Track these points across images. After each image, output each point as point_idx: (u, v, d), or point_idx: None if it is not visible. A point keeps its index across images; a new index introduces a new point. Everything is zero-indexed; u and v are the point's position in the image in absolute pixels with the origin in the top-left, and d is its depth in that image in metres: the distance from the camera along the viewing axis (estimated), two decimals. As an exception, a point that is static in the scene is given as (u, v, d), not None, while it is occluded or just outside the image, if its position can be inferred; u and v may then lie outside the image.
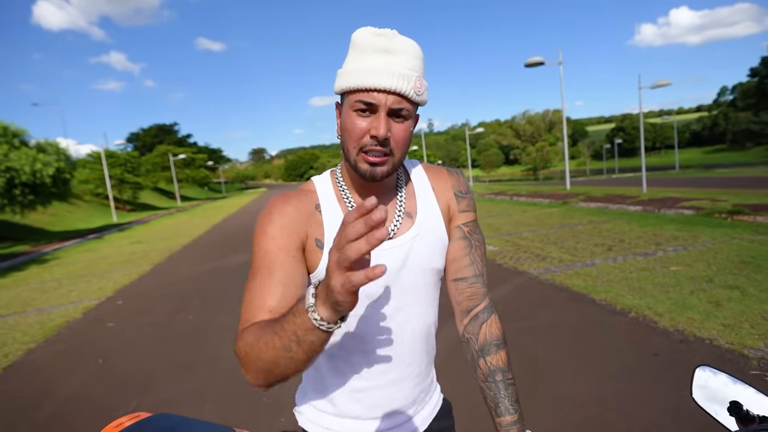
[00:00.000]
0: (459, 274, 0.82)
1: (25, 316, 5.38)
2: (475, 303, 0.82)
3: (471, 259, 0.83)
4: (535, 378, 2.60)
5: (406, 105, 0.70)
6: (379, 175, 0.72)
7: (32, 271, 9.34)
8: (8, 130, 16.21)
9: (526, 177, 69.52)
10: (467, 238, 0.83)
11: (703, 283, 3.98)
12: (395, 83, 0.68)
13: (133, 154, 36.42)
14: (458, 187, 0.85)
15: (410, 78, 0.69)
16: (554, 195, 13.34)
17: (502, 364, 0.78)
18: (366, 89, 0.68)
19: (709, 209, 7.61)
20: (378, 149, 0.70)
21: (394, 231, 0.78)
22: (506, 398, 0.76)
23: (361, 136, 0.70)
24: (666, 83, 13.36)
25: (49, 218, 21.70)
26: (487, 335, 0.80)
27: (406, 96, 0.69)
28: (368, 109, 0.69)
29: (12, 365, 3.74)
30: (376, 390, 0.81)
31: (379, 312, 0.78)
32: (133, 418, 0.91)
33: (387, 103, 0.69)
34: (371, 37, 0.69)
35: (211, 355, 3.49)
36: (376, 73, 0.68)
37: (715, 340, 2.84)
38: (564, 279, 4.59)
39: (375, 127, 0.69)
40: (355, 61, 0.70)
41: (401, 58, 0.69)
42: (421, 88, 0.71)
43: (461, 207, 0.84)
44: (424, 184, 0.84)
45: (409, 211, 0.80)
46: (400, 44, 0.70)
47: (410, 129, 0.73)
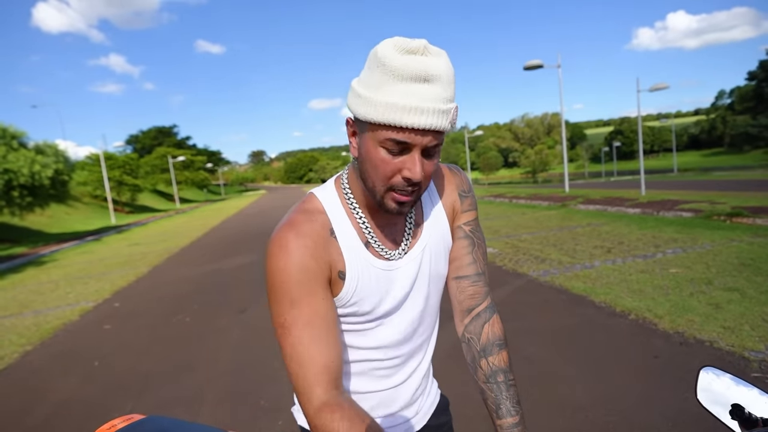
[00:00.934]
0: (461, 272, 0.81)
1: (21, 318, 5.35)
2: (476, 302, 0.80)
3: (473, 257, 0.82)
4: (534, 381, 2.59)
5: (440, 139, 0.63)
6: (405, 212, 0.68)
7: (29, 273, 9.30)
8: (7, 132, 16.20)
9: (525, 180, 69.61)
10: (469, 236, 0.82)
11: (702, 285, 3.97)
12: (435, 122, 0.59)
13: (132, 156, 36.43)
14: (462, 187, 0.84)
15: (449, 112, 0.61)
16: (553, 197, 13.35)
17: (504, 364, 0.77)
18: (400, 127, 0.60)
19: (708, 211, 7.61)
20: (408, 190, 0.65)
21: (407, 246, 0.76)
22: (508, 399, 0.74)
23: (391, 175, 0.63)
24: (664, 87, 13.40)
25: (47, 220, 21.65)
26: (489, 335, 0.78)
27: (443, 131, 0.62)
28: (399, 146, 0.62)
29: (8, 367, 3.71)
30: (379, 393, 0.81)
31: (393, 327, 0.77)
32: (125, 420, 0.89)
33: (424, 143, 0.61)
34: (405, 57, 0.59)
35: (208, 357, 3.46)
36: (414, 111, 0.58)
37: (715, 342, 2.83)
38: (563, 281, 4.58)
39: (410, 169, 0.62)
40: (385, 91, 0.59)
41: (439, 87, 0.60)
42: (455, 116, 0.62)
43: (464, 206, 0.83)
44: (430, 189, 0.81)
45: (417, 220, 0.78)
46: (436, 68, 0.59)
47: (436, 162, 0.67)
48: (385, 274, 0.73)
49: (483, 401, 0.78)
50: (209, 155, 64.51)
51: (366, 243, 0.72)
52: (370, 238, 0.72)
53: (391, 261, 0.74)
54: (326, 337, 0.65)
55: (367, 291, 0.71)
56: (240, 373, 3.11)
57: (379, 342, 0.77)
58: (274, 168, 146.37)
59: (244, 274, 6.51)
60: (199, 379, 3.10)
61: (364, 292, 0.71)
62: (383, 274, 0.73)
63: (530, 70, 14.30)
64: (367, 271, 0.71)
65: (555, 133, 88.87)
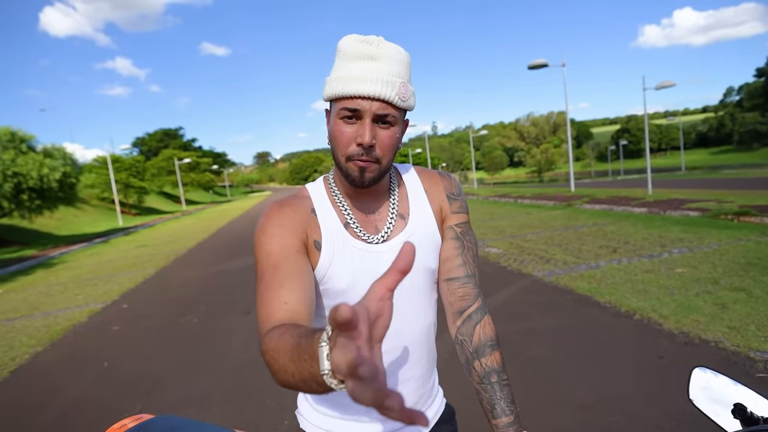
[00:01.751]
0: (451, 273, 0.82)
1: (32, 319, 5.43)
2: (467, 303, 0.81)
3: (463, 259, 0.83)
4: (538, 380, 2.60)
5: (392, 111, 0.70)
6: (367, 182, 0.73)
7: (39, 275, 9.43)
8: (16, 136, 16.41)
9: (531, 179, 69.30)
10: (460, 238, 0.84)
11: (708, 285, 3.95)
12: (378, 90, 0.68)
13: (139, 159, 36.73)
14: (450, 189, 0.86)
15: (394, 84, 0.69)
16: (558, 197, 13.30)
17: (497, 365, 0.78)
18: (350, 96, 0.69)
19: (715, 211, 7.55)
20: (364, 158, 0.71)
21: (388, 233, 0.79)
22: (502, 399, 0.75)
23: (347, 144, 0.71)
24: (670, 84, 13.30)
25: (56, 222, 21.90)
26: (481, 336, 0.79)
27: (391, 102, 0.69)
28: (353, 116, 0.70)
29: (19, 368, 3.77)
30: None
31: None
32: (135, 420, 0.92)
33: (371, 109, 0.69)
34: (356, 44, 0.70)
35: (215, 358, 3.50)
36: (360, 80, 0.68)
37: (720, 343, 2.82)
38: (568, 281, 4.57)
39: (360, 135, 0.70)
40: (340, 69, 0.71)
41: (385, 64, 0.69)
42: (406, 94, 0.71)
43: (453, 208, 0.85)
44: (417, 187, 0.85)
45: (401, 212, 0.82)
46: (384, 50, 0.70)
47: (396, 135, 0.73)
48: (361, 254, 0.76)
49: (478, 402, 0.79)
50: (215, 157, 64.96)
51: (345, 224, 0.78)
52: (349, 219, 0.78)
53: (369, 243, 0.77)
54: (290, 282, 0.67)
55: (342, 266, 0.76)
56: (246, 373, 3.15)
57: None
58: (279, 169, 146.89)
59: (250, 275, 6.54)
60: (206, 379, 3.14)
61: (339, 266, 0.75)
62: (359, 254, 0.76)
63: (535, 69, 14.26)
64: (342, 247, 0.76)
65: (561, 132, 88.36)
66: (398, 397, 0.31)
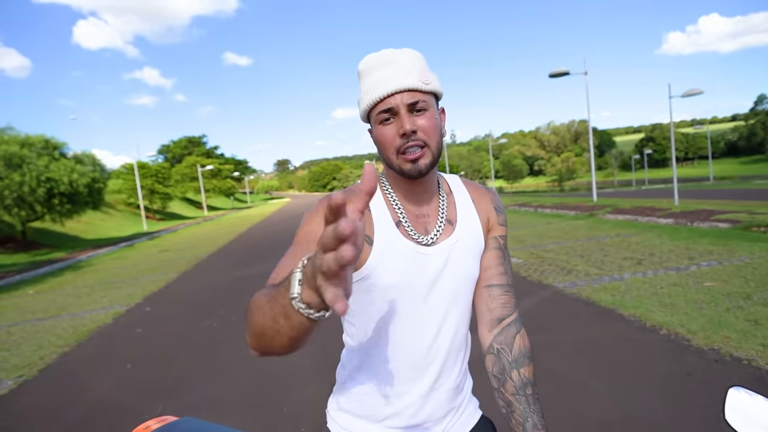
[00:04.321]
0: (493, 280, 0.83)
1: (59, 320, 5.61)
2: (507, 312, 0.82)
3: (504, 268, 0.85)
4: (559, 395, 2.53)
5: (420, 97, 0.74)
6: (423, 169, 0.75)
7: (67, 277, 9.75)
8: (49, 143, 17.14)
9: (551, 188, 68.21)
10: (502, 249, 0.87)
11: (740, 300, 3.79)
12: (401, 82, 0.73)
13: (164, 165, 37.81)
14: (496, 203, 0.90)
15: (412, 73, 0.74)
16: (580, 207, 13.04)
17: (532, 377, 0.78)
18: (380, 99, 0.74)
19: (747, 222, 7.27)
20: (412, 144, 0.73)
21: (436, 236, 0.80)
22: (535, 413, 0.75)
23: (393, 140, 0.74)
24: (698, 92, 12.95)
25: (84, 226, 22.67)
26: (520, 346, 0.80)
27: (416, 89, 0.73)
28: (390, 115, 0.74)
29: (47, 367, 3.89)
30: (406, 397, 0.79)
31: (417, 316, 0.77)
32: (160, 422, 0.93)
33: (402, 101, 0.73)
34: (371, 59, 0.76)
35: (234, 362, 3.54)
36: (383, 82, 0.74)
37: (753, 361, 2.69)
38: (590, 293, 4.46)
39: (401, 126, 0.73)
40: (365, 84, 0.77)
41: (400, 63, 0.75)
42: (428, 78, 0.75)
43: (499, 220, 0.88)
44: (465, 196, 0.87)
45: (450, 218, 0.83)
46: (397, 55, 0.75)
47: (435, 118, 0.76)
48: (410, 253, 0.76)
49: (506, 414, 0.77)
50: (236, 164, 66.20)
51: (398, 222, 0.78)
52: (402, 218, 0.79)
53: (419, 244, 0.78)
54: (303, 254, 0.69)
55: (392, 263, 0.75)
56: (263, 378, 3.17)
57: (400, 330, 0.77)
58: (298, 176, 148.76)
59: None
60: (224, 383, 3.18)
61: (389, 263, 0.75)
62: (409, 253, 0.76)
63: (556, 77, 14.11)
64: (394, 244, 0.76)
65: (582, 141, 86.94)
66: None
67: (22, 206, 15.28)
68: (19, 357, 4.22)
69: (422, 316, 0.78)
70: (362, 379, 0.81)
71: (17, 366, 3.95)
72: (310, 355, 3.48)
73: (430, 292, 0.78)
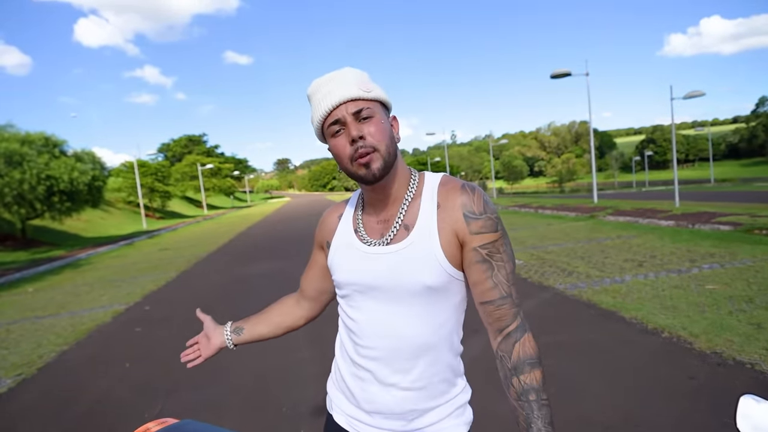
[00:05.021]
0: (484, 297, 0.81)
1: (58, 318, 5.60)
2: (505, 323, 0.81)
3: (494, 281, 0.80)
4: (560, 397, 2.51)
5: (364, 104, 0.79)
6: (377, 173, 0.80)
7: (67, 275, 9.74)
8: (49, 141, 17.13)
9: (551, 189, 68.21)
10: (486, 260, 0.80)
11: (742, 303, 3.78)
12: (342, 94, 0.79)
13: (164, 164, 37.76)
14: (470, 208, 0.81)
15: (352, 84, 0.79)
16: (581, 208, 13.02)
17: (536, 383, 0.76)
18: (328, 113, 0.80)
19: (749, 225, 7.25)
20: (362, 151, 0.78)
21: (389, 239, 0.85)
22: (540, 419, 0.73)
23: (345, 149, 0.80)
24: (699, 94, 12.94)
25: (84, 224, 22.66)
26: (520, 354, 0.78)
27: (358, 97, 0.79)
28: (339, 126, 0.80)
29: (46, 365, 3.88)
30: (363, 383, 0.88)
31: (369, 313, 0.87)
32: (160, 424, 0.92)
33: (347, 111, 0.79)
34: (316, 81, 0.83)
35: (233, 363, 3.52)
36: (326, 97, 0.80)
37: (756, 365, 2.68)
38: (591, 295, 4.44)
39: (349, 134, 0.79)
40: (313, 103, 0.83)
41: (341, 78, 0.81)
42: (369, 87, 0.80)
43: (473, 228, 0.80)
44: (432, 200, 0.84)
45: (407, 223, 0.84)
46: (339, 73, 0.82)
47: (382, 123, 0.81)
48: (360, 254, 0.87)
49: (515, 421, 0.77)
50: (236, 163, 66.09)
51: (355, 229, 0.91)
52: (358, 226, 0.91)
53: (369, 246, 0.86)
54: (308, 271, 1.06)
55: (341, 262, 0.90)
56: (263, 380, 3.16)
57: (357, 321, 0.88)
58: (298, 176, 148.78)
59: (268, 280, 6.61)
60: (223, 384, 3.16)
61: (338, 262, 0.90)
62: (359, 254, 0.87)
63: (557, 78, 14.10)
64: (345, 247, 0.90)
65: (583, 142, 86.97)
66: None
67: (22, 204, 15.27)
68: (18, 355, 4.20)
69: (373, 314, 0.86)
70: (339, 360, 0.96)
71: (16, 364, 3.93)
72: (310, 357, 3.47)
73: (376, 292, 0.85)
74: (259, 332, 1.10)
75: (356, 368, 0.89)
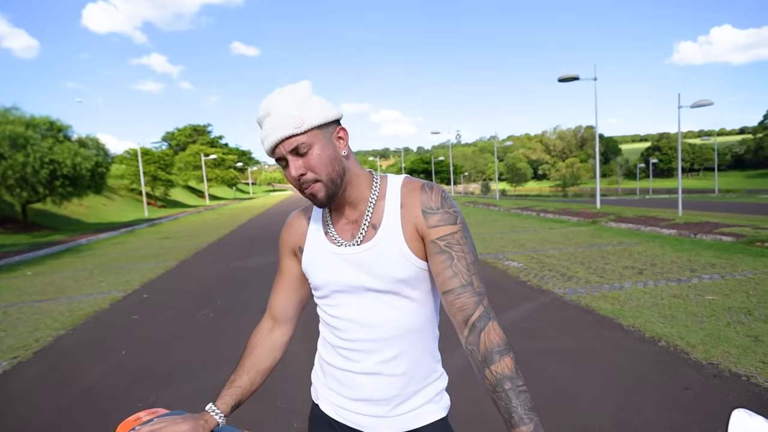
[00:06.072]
0: (445, 287, 0.83)
1: (56, 303, 5.61)
2: (468, 313, 0.80)
3: (453, 270, 0.82)
4: (555, 402, 2.51)
5: (298, 141, 0.81)
6: (324, 200, 0.86)
7: (66, 260, 9.76)
8: (54, 125, 17.15)
9: (554, 193, 68.05)
10: (445, 251, 0.84)
11: (741, 315, 3.76)
12: (276, 136, 0.81)
13: (167, 153, 37.79)
14: (428, 204, 0.86)
15: (285, 123, 0.81)
16: (583, 213, 12.99)
17: (509, 371, 0.74)
18: (270, 153, 0.85)
19: (751, 237, 7.22)
20: (305, 186, 0.84)
21: (360, 239, 0.89)
22: (519, 406, 0.71)
23: (294, 181, 0.85)
24: (707, 103, 12.86)
25: (86, 210, 22.71)
26: (487, 344, 0.77)
27: (291, 135, 0.81)
28: (284, 162, 0.84)
29: (42, 350, 3.89)
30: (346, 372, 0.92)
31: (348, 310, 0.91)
32: (151, 414, 0.93)
33: (284, 150, 0.82)
34: (259, 110, 0.85)
35: (228, 354, 3.53)
36: (267, 137, 0.83)
37: (752, 377, 2.66)
38: (590, 301, 4.43)
39: (290, 173, 0.84)
40: (261, 135, 0.86)
41: (273, 117, 0.82)
42: (299, 121, 0.81)
43: (431, 222, 0.85)
44: (395, 200, 0.90)
45: (374, 222, 0.89)
46: (272, 103, 0.83)
47: (318, 153, 0.83)
48: (334, 256, 0.91)
49: (498, 411, 0.75)
50: (240, 154, 66.02)
51: (326, 232, 0.94)
52: (329, 228, 0.94)
53: (341, 247, 0.90)
54: (277, 285, 1.03)
55: (317, 266, 0.93)
56: (258, 372, 3.15)
57: (339, 318, 0.92)
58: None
59: (268, 273, 6.62)
60: (218, 375, 3.16)
61: (315, 265, 0.93)
62: (332, 256, 0.91)
63: (565, 82, 14.03)
64: (319, 251, 0.93)
65: (588, 147, 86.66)
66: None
67: (25, 187, 15.31)
68: (14, 338, 4.21)
69: (354, 308, 0.90)
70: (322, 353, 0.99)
71: (12, 347, 3.95)
72: (305, 351, 3.47)
73: (353, 289, 0.89)
74: (245, 387, 0.98)
75: (341, 360, 0.93)
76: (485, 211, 17.45)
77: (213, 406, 0.97)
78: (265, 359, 1.00)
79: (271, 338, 1.01)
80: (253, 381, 0.99)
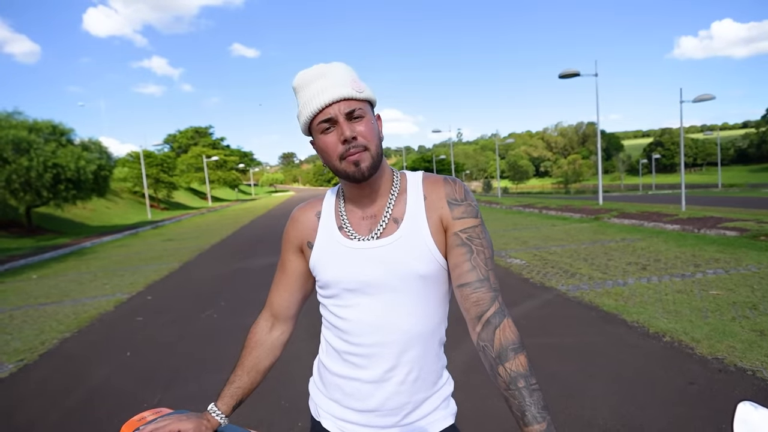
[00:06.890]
0: (462, 279, 0.81)
1: (62, 306, 5.64)
2: (483, 308, 0.79)
3: (472, 264, 0.81)
4: (560, 398, 2.50)
5: (356, 105, 0.80)
6: (366, 171, 0.81)
7: (71, 263, 9.81)
8: (57, 129, 17.23)
9: (557, 190, 67.88)
10: (466, 244, 0.83)
11: (746, 309, 3.75)
12: (337, 92, 0.79)
13: (170, 155, 37.87)
14: (453, 195, 0.86)
15: (346, 83, 0.80)
16: (585, 210, 12.95)
17: (523, 369, 0.74)
18: (320, 110, 0.80)
19: (755, 231, 7.18)
20: (353, 150, 0.80)
21: (378, 234, 0.85)
22: (532, 405, 0.71)
23: (336, 147, 0.81)
24: (709, 98, 12.81)
25: (89, 213, 22.80)
26: (502, 340, 0.76)
27: (351, 97, 0.80)
28: (329, 124, 0.80)
29: (48, 352, 3.91)
30: (356, 382, 0.87)
31: (361, 309, 0.86)
32: (155, 413, 0.93)
33: (340, 110, 0.79)
34: (304, 74, 0.83)
35: (233, 354, 3.54)
36: (319, 93, 0.80)
37: (758, 372, 2.65)
38: (593, 297, 4.42)
39: (341, 133, 0.79)
40: (302, 98, 0.83)
41: (333, 75, 0.81)
42: (361, 87, 0.82)
43: (456, 214, 0.85)
44: (417, 194, 0.88)
45: (395, 216, 0.86)
46: (328, 68, 0.82)
47: (372, 123, 0.83)
48: (349, 251, 0.86)
49: (509, 410, 0.75)
50: (242, 156, 66.11)
51: (339, 227, 0.89)
52: (343, 223, 0.89)
53: (357, 241, 0.86)
54: (279, 282, 0.99)
55: (329, 262, 0.88)
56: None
57: (348, 320, 0.87)
58: (303, 170, 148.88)
59: (270, 273, 6.62)
60: (222, 375, 3.17)
61: (326, 262, 0.88)
62: (347, 251, 0.86)
63: (566, 78, 13.99)
64: (332, 246, 0.88)
65: (589, 143, 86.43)
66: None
67: (29, 191, 15.38)
68: (20, 341, 4.24)
69: (365, 309, 0.85)
70: (325, 360, 0.94)
71: (18, 350, 3.97)
72: (308, 351, 3.47)
73: (369, 287, 0.84)
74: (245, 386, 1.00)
75: (347, 367, 0.88)
76: (487, 209, 17.42)
77: (214, 406, 0.97)
78: (265, 359, 1.00)
79: (271, 337, 1.01)
80: (254, 381, 1.00)
